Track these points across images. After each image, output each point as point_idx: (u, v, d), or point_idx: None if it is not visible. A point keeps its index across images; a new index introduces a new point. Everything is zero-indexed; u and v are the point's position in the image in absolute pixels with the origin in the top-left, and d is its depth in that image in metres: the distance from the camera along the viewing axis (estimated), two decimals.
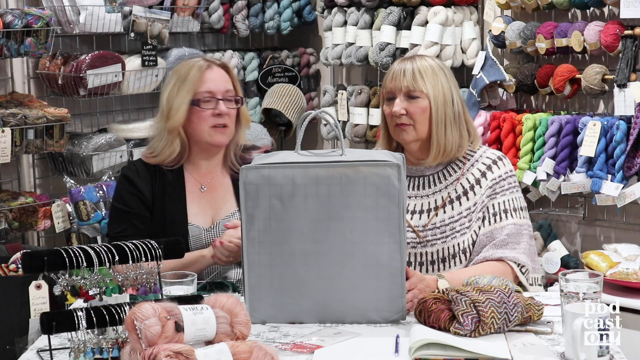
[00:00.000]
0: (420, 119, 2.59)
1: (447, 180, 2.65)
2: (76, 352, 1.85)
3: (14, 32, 3.71)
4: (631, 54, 3.69)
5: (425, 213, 2.64)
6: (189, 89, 2.74)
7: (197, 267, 2.66)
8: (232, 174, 2.85)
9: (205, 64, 2.78)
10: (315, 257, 2.17)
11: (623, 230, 4.02)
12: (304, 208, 2.17)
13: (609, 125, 3.71)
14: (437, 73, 2.61)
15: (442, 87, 2.60)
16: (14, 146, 3.74)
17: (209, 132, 2.75)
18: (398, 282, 2.17)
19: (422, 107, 2.59)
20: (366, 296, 2.17)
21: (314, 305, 2.19)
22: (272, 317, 2.20)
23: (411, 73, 2.59)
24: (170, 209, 2.77)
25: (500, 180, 2.63)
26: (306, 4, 5.04)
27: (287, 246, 2.18)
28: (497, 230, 2.57)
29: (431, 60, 2.64)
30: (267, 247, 2.19)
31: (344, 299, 2.18)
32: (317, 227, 2.17)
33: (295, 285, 2.19)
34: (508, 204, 2.60)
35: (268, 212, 2.18)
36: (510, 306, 2.07)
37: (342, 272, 2.17)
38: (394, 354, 1.98)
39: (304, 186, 2.17)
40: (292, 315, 2.20)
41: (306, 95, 5.02)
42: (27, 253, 1.97)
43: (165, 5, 4.37)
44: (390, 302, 2.18)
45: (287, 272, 2.19)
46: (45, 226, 3.96)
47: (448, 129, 2.60)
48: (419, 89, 2.58)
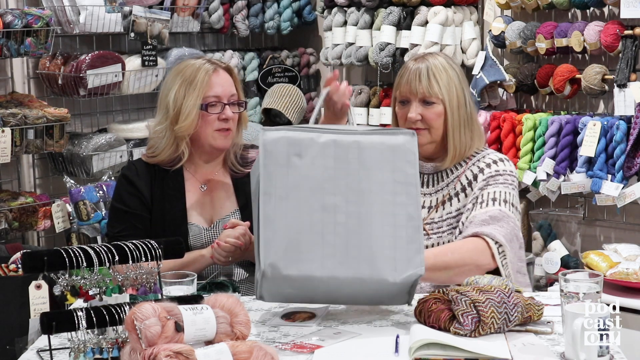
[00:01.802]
0: (435, 124, 2.59)
1: (449, 178, 2.65)
2: (76, 352, 1.85)
3: (14, 32, 3.71)
4: (631, 54, 3.69)
5: (426, 209, 2.64)
6: (198, 93, 2.71)
7: (197, 267, 2.66)
8: (232, 174, 2.85)
9: (211, 67, 2.76)
10: (333, 213, 2.14)
11: (623, 230, 4.02)
12: (324, 166, 2.16)
13: (609, 125, 3.71)
14: (450, 75, 2.59)
15: (455, 89, 2.59)
16: (14, 146, 3.74)
17: (213, 135, 2.75)
18: (417, 239, 2.16)
19: (438, 112, 2.58)
20: (385, 253, 2.13)
21: (330, 258, 2.12)
22: (285, 267, 2.11)
23: (426, 77, 2.56)
24: (170, 208, 2.77)
25: (497, 174, 2.60)
26: (306, 4, 5.04)
27: (306, 202, 2.14)
28: (481, 214, 2.52)
29: (443, 60, 2.62)
30: (285, 202, 2.14)
31: (362, 255, 2.13)
32: (335, 184, 2.15)
33: (312, 239, 2.13)
34: (498, 194, 2.56)
35: (286, 169, 2.16)
36: (511, 306, 2.06)
37: (360, 229, 2.14)
38: (394, 354, 1.98)
39: (323, 145, 2.18)
40: (307, 270, 2.11)
41: (306, 95, 5.02)
42: (27, 253, 1.97)
43: (165, 5, 4.37)
44: (408, 261, 2.14)
45: (304, 227, 2.13)
46: (45, 226, 3.96)
47: (462, 131, 2.60)
48: (435, 95, 2.57)
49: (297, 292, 2.16)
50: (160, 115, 2.79)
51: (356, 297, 2.19)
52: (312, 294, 2.17)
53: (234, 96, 2.78)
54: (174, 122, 2.73)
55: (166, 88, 2.79)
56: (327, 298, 2.21)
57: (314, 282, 2.13)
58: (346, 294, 2.18)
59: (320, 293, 2.17)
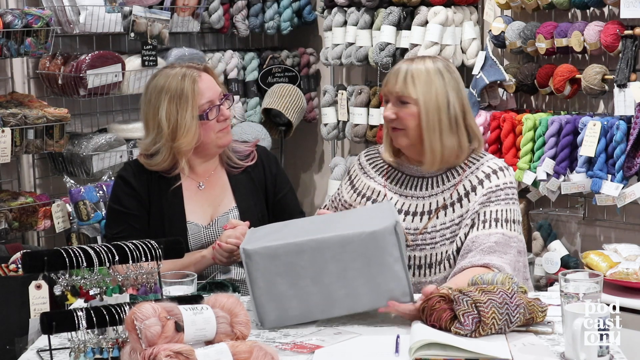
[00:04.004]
0: (410, 124, 2.57)
1: (445, 185, 2.63)
2: (76, 352, 1.85)
3: (14, 32, 3.71)
4: (631, 54, 3.69)
5: (419, 216, 2.62)
6: (192, 104, 2.68)
7: (198, 267, 2.67)
8: (229, 170, 2.85)
9: (193, 73, 2.72)
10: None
11: (623, 230, 4.02)
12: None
13: (609, 125, 3.71)
14: (432, 77, 2.56)
15: (435, 92, 2.55)
16: (14, 146, 3.74)
17: (217, 136, 2.75)
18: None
19: (412, 112, 2.56)
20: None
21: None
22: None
23: (403, 77, 2.56)
24: (168, 207, 2.77)
25: (498, 189, 2.57)
26: (306, 4, 5.04)
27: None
28: (485, 237, 2.49)
29: (430, 63, 2.59)
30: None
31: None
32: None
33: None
34: (500, 213, 2.53)
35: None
36: (512, 307, 2.06)
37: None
38: (394, 354, 1.98)
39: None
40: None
41: (306, 95, 5.02)
42: (27, 253, 1.97)
43: (165, 5, 4.37)
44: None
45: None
46: (45, 226, 3.96)
47: (444, 135, 2.56)
48: (408, 94, 2.56)
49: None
50: (152, 135, 2.73)
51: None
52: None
53: (221, 94, 2.78)
54: (171, 139, 2.69)
55: (152, 107, 2.72)
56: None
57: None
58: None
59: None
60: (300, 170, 5.36)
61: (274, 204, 2.88)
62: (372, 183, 2.73)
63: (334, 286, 2.17)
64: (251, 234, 2.36)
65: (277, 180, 2.90)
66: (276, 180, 2.89)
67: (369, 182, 2.74)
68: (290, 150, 5.15)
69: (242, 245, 2.20)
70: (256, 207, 2.84)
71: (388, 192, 2.69)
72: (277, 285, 2.17)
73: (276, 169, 2.91)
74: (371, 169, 2.76)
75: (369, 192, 2.72)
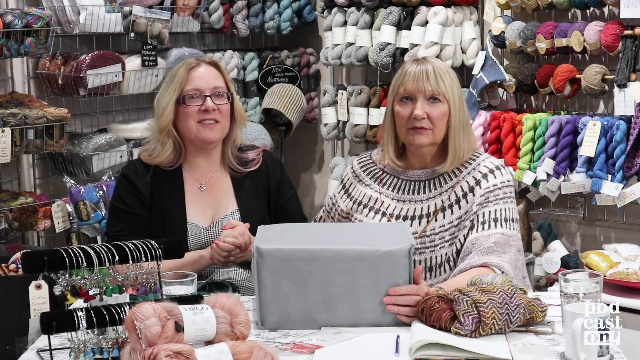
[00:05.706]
0: (439, 123, 2.58)
1: (443, 187, 2.63)
2: (76, 352, 1.85)
3: (14, 32, 3.71)
4: (631, 54, 3.69)
5: (417, 219, 2.62)
6: (175, 87, 2.77)
7: (196, 267, 2.67)
8: (232, 173, 2.85)
9: (194, 62, 2.81)
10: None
11: (623, 230, 4.02)
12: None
13: (609, 125, 3.71)
14: (452, 77, 2.61)
15: (458, 90, 2.61)
16: (14, 146, 3.74)
17: (197, 128, 2.76)
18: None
19: (443, 111, 2.58)
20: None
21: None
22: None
23: (434, 76, 2.57)
24: (169, 207, 2.78)
25: (495, 189, 2.58)
26: (306, 4, 5.04)
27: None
28: (484, 238, 2.50)
29: (441, 62, 2.64)
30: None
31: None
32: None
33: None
34: (499, 213, 2.54)
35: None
36: (512, 307, 2.06)
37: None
38: (394, 354, 1.98)
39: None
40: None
41: (306, 95, 5.02)
42: (27, 253, 1.97)
43: (165, 5, 4.37)
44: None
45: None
46: (45, 226, 3.96)
47: (462, 134, 2.60)
48: (442, 92, 2.57)
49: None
50: (153, 120, 2.87)
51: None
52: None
53: (218, 88, 2.79)
54: (157, 120, 2.80)
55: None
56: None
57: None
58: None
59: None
60: (300, 170, 5.36)
61: (276, 208, 2.88)
62: (368, 190, 2.73)
63: (340, 298, 2.17)
64: (262, 232, 2.35)
65: (281, 185, 2.90)
66: (280, 186, 2.90)
67: (365, 190, 2.74)
68: (290, 150, 5.15)
69: (256, 243, 2.20)
70: (258, 211, 2.84)
71: (385, 198, 2.69)
72: (283, 288, 2.17)
73: (280, 175, 2.91)
74: (365, 176, 2.76)
75: (365, 200, 2.72)
